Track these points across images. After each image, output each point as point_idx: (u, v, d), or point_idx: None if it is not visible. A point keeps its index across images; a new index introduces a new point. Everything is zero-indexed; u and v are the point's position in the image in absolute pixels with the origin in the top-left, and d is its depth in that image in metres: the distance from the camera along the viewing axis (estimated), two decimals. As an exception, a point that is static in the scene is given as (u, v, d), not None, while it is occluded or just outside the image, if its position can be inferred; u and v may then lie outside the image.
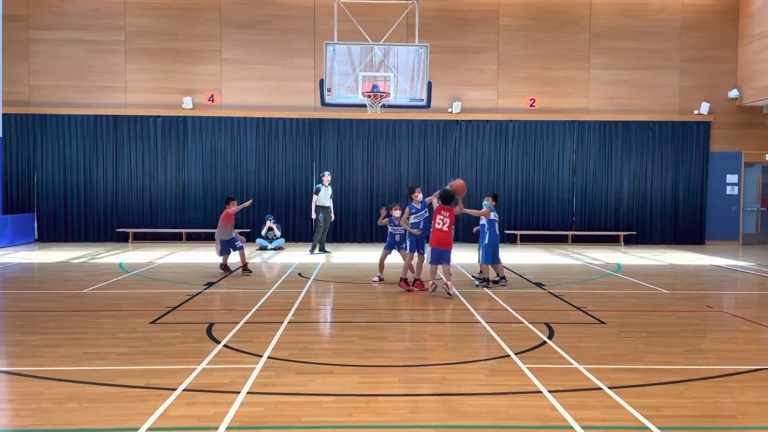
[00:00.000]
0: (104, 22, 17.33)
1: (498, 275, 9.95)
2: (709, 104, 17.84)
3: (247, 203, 11.52)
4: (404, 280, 9.56)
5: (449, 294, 8.77)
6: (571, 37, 17.81)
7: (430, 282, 9.15)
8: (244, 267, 11.02)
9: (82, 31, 17.29)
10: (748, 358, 5.84)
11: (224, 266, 11.12)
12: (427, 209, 9.67)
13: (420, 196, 9.67)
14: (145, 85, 17.48)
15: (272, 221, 16.08)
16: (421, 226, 9.48)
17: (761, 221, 18.60)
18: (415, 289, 9.38)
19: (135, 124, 17.38)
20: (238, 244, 10.96)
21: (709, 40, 17.90)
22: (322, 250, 14.79)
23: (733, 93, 17.83)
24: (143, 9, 17.36)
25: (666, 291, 9.67)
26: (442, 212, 8.92)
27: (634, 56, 17.87)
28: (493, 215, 9.78)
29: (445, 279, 8.89)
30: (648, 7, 17.83)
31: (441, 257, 8.92)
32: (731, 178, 18.22)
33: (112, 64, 17.40)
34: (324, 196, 14.50)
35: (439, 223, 8.90)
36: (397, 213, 9.99)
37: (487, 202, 9.96)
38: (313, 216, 14.61)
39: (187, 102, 17.33)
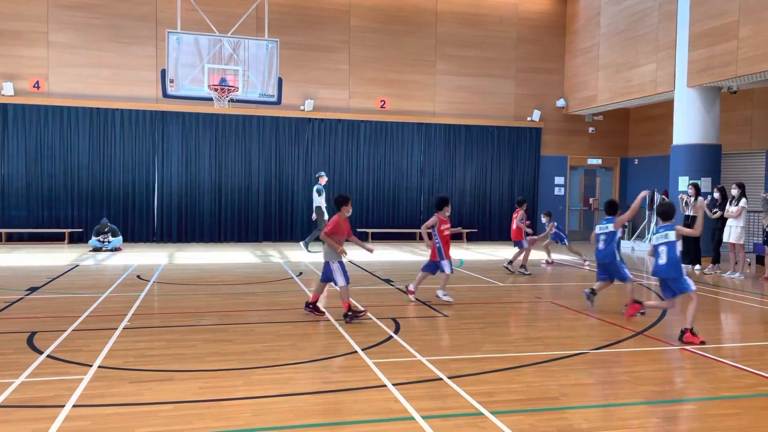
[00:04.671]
0: None
1: None
2: (540, 112, 19.43)
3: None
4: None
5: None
6: (419, 42, 18.49)
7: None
8: (314, 305, 7.48)
9: None
10: (570, 343, 6.41)
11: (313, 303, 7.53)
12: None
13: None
14: (-45, 66, 15.45)
15: (106, 224, 14.81)
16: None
17: (583, 219, 20.64)
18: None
19: (-58, 110, 15.30)
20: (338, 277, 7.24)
21: (540, 52, 19.48)
22: (307, 247, 14.96)
23: (560, 102, 19.59)
24: (-47, -20, 15.34)
25: (501, 284, 10.36)
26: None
27: (475, 64, 18.96)
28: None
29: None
30: (487, 19, 19.00)
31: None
32: (558, 179, 19.99)
33: None
34: (323, 197, 14.83)
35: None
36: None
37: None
38: (326, 217, 14.58)
39: (8, 88, 15.56)
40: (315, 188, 14.88)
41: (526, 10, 19.28)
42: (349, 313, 7.12)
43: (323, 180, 14.96)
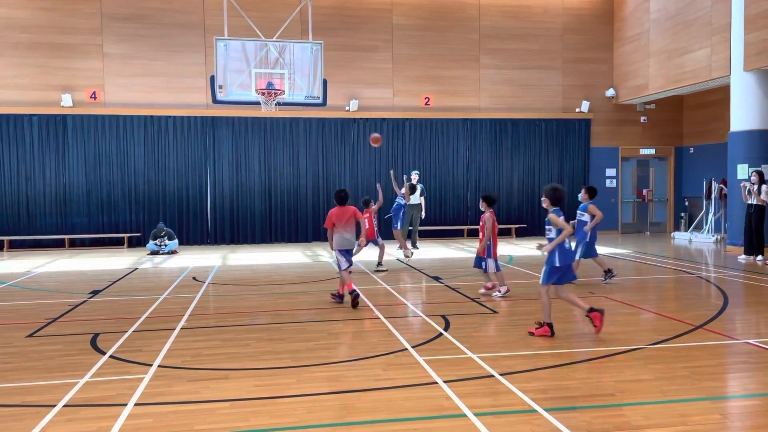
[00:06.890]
0: (-32, 12, 15.89)
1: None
2: (589, 103, 19.00)
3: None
4: None
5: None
6: (462, 38, 18.35)
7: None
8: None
9: (-58, 22, 15.76)
10: (625, 339, 6.26)
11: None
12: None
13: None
14: (17, 81, 16.18)
15: (163, 229, 15.26)
16: None
17: (637, 211, 20.08)
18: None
19: (8, 124, 16.06)
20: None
21: (587, 42, 19.05)
22: (414, 245, 14.85)
23: (610, 92, 19.10)
24: (14, 0, 16.10)
25: (553, 279, 10.17)
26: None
27: (521, 57, 18.69)
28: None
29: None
30: (531, 10, 18.70)
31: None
32: (610, 171, 19.51)
33: (-21, 58, 16.00)
34: (414, 195, 14.48)
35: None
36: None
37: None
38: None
39: (67, 99, 16.23)
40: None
41: (572, -1, 18.89)
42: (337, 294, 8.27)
43: (414, 178, 14.68)
